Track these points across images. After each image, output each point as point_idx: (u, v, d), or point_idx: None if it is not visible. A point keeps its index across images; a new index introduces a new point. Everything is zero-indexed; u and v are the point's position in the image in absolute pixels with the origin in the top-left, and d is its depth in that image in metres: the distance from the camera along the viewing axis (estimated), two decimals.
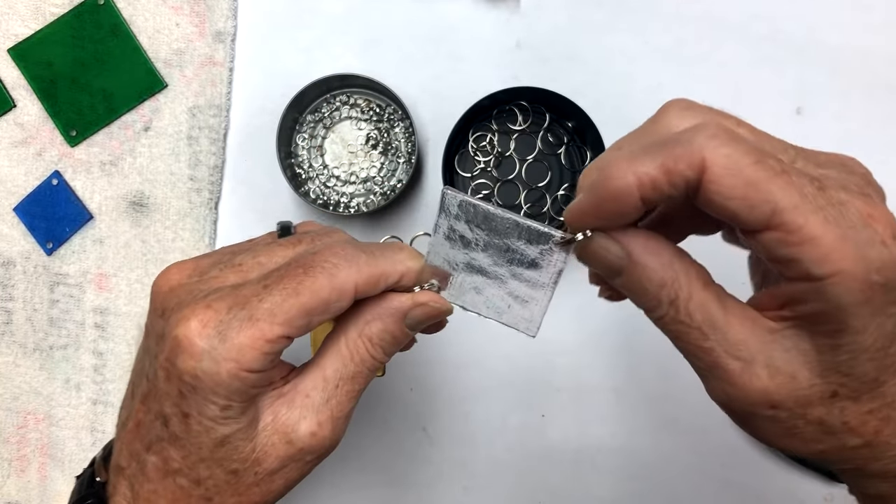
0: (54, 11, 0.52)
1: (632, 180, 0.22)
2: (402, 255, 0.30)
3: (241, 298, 0.27)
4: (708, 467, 0.49)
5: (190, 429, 0.27)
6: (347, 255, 0.28)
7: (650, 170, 0.22)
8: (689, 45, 0.51)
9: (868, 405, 0.23)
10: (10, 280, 0.52)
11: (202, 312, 0.26)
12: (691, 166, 0.22)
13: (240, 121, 0.52)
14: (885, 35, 0.50)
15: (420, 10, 0.51)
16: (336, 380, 0.29)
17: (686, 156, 0.22)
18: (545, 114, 0.49)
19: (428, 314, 0.30)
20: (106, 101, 0.52)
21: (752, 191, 0.21)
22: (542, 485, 0.50)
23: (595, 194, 0.24)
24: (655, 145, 0.23)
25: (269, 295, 0.27)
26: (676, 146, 0.22)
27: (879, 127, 0.50)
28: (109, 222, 0.52)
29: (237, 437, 0.28)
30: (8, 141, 0.52)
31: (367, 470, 0.51)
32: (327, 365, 0.29)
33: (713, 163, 0.21)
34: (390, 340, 0.30)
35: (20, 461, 0.52)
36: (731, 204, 0.22)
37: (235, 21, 0.52)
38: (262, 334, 0.26)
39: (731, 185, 0.21)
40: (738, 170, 0.21)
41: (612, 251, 0.25)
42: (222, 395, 0.27)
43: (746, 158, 0.21)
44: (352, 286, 0.27)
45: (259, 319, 0.26)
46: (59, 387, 0.52)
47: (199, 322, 0.26)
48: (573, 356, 0.50)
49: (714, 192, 0.22)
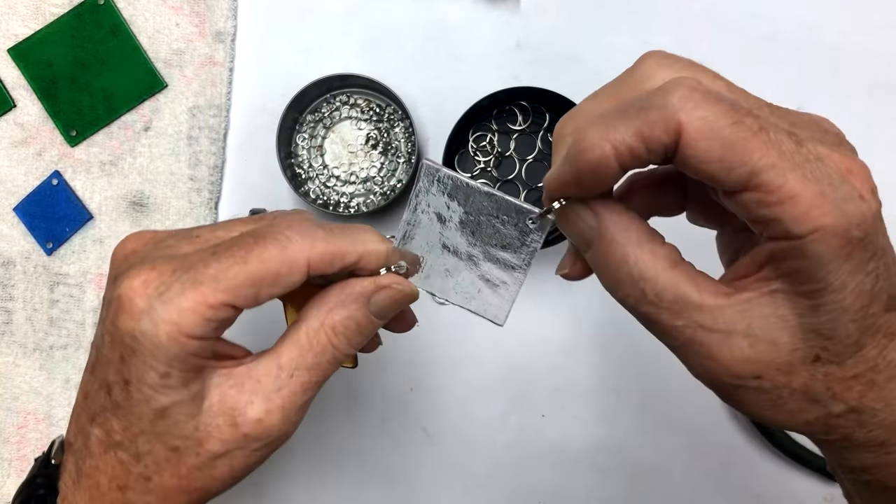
0: (54, 11, 0.52)
1: (608, 150, 0.22)
2: (366, 237, 0.28)
3: (187, 263, 0.26)
4: (708, 467, 0.49)
5: (130, 397, 0.26)
6: (303, 229, 0.27)
7: (626, 137, 0.22)
8: (689, 45, 0.51)
9: (852, 370, 0.22)
10: (10, 280, 0.52)
11: (146, 273, 0.26)
12: (667, 131, 0.21)
13: (240, 121, 0.52)
14: (885, 35, 0.50)
15: (420, 10, 0.51)
16: (291, 369, 0.28)
17: (661, 121, 0.21)
18: (545, 114, 0.49)
19: (392, 298, 0.28)
20: (106, 101, 0.52)
21: (729, 153, 0.21)
22: (542, 485, 0.50)
23: (573, 165, 0.23)
24: (631, 108, 0.22)
25: (215, 261, 0.26)
26: (651, 110, 0.21)
27: (879, 127, 0.50)
28: (109, 222, 0.52)
29: (178, 410, 0.27)
30: (8, 141, 0.52)
31: (366, 469, 0.51)
32: (284, 352, 0.28)
33: (689, 126, 0.21)
34: (355, 329, 0.28)
35: (20, 461, 0.52)
36: (709, 167, 0.21)
37: (235, 21, 0.52)
38: (204, 298, 0.25)
39: (707, 149, 0.21)
40: (715, 132, 0.21)
41: (583, 220, 0.25)
42: (161, 360, 0.26)
43: (723, 120, 0.21)
44: (304, 260, 0.26)
45: (202, 283, 0.25)
46: (59, 387, 0.52)
47: (141, 282, 0.25)
48: (573, 356, 0.50)
49: (691, 156, 0.21)
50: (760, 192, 0.21)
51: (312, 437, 0.51)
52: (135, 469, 0.28)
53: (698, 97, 0.21)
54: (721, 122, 0.21)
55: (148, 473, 0.28)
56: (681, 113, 0.21)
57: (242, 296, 0.26)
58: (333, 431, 0.51)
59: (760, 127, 0.21)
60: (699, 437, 0.49)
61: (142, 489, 0.28)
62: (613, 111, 0.23)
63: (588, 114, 0.24)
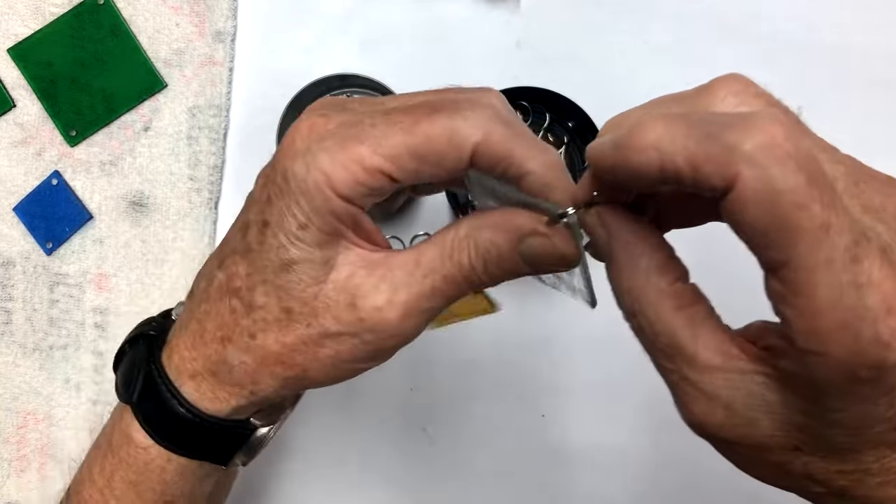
0: (54, 11, 0.52)
1: (655, 160, 0.19)
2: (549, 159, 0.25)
3: (356, 118, 0.25)
4: (708, 467, 0.49)
5: (265, 240, 0.25)
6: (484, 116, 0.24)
7: (678, 158, 0.19)
8: (689, 45, 0.51)
9: (837, 466, 0.21)
10: (9, 280, 0.52)
11: (315, 119, 0.25)
12: (722, 176, 0.18)
13: (240, 121, 0.52)
14: (885, 34, 0.50)
15: (420, 10, 0.51)
16: (428, 269, 0.25)
17: (720, 164, 0.18)
18: (545, 114, 0.49)
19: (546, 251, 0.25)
20: (106, 101, 0.52)
21: (775, 232, 0.18)
22: (542, 485, 0.50)
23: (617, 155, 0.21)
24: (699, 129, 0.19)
25: (383, 123, 0.24)
26: (715, 143, 0.18)
27: (880, 126, 0.50)
28: (109, 222, 0.52)
29: (305, 269, 0.25)
30: (8, 141, 0.52)
31: (367, 470, 0.51)
32: (425, 251, 0.26)
33: (747, 184, 0.18)
34: (496, 258, 0.25)
35: (20, 461, 0.52)
36: (747, 233, 0.19)
37: (235, 21, 0.52)
38: (360, 157, 0.24)
39: (754, 216, 0.18)
40: (771, 205, 0.18)
41: (598, 235, 0.23)
42: (303, 208, 0.24)
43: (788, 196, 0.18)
44: (470, 145, 0.24)
45: (363, 142, 0.24)
46: (58, 387, 0.52)
47: (308, 126, 0.25)
48: (573, 356, 0.50)
49: (735, 211, 0.18)
50: (786, 287, 0.18)
51: (312, 437, 0.51)
52: (243, 321, 0.27)
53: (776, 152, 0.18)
54: (785, 196, 0.18)
55: (254, 330, 0.27)
56: (743, 165, 0.18)
57: (402, 167, 0.24)
58: (333, 431, 0.51)
59: (823, 223, 0.18)
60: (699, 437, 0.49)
61: (242, 346, 0.27)
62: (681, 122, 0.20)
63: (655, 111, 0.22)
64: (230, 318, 0.27)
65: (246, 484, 0.50)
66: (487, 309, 0.30)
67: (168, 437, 0.31)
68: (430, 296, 0.26)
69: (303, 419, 0.51)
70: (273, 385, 0.28)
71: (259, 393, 0.28)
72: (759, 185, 0.18)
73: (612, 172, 0.21)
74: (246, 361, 0.27)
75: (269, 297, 0.26)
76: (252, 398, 0.29)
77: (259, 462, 0.50)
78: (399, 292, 0.25)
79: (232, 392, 0.29)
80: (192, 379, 0.29)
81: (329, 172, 0.24)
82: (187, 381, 0.30)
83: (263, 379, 0.28)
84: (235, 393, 0.29)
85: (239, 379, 0.28)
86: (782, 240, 0.18)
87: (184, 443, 0.31)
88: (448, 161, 0.24)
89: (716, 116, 0.20)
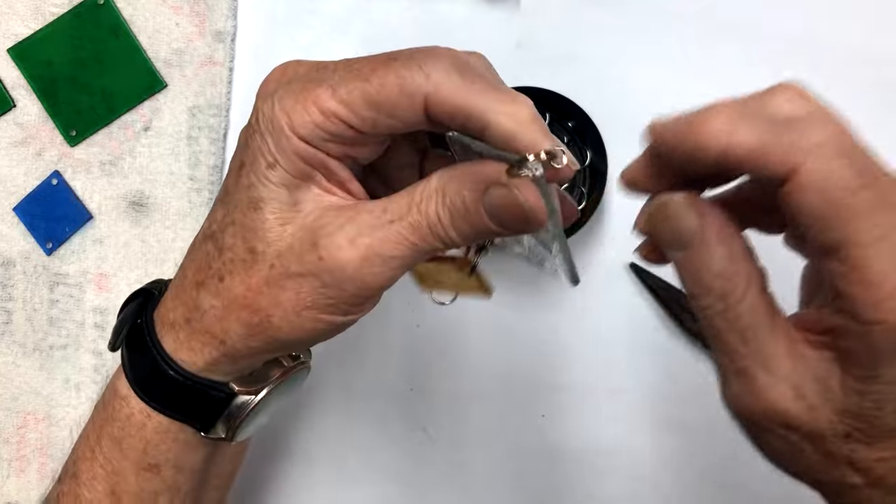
0: (54, 11, 0.52)
1: (724, 140, 0.21)
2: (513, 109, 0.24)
3: (323, 65, 0.26)
4: (708, 468, 0.49)
5: (239, 181, 0.27)
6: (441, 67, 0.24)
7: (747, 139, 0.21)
8: (689, 45, 0.51)
9: (879, 453, 0.22)
10: (9, 280, 0.52)
11: (289, 63, 0.27)
12: (784, 164, 0.21)
13: (240, 121, 0.52)
14: (885, 35, 0.50)
15: (420, 10, 0.51)
16: (395, 216, 0.25)
17: (783, 151, 0.21)
18: (545, 114, 0.49)
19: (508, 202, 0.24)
20: (106, 101, 0.52)
21: (832, 216, 0.21)
22: (542, 485, 0.50)
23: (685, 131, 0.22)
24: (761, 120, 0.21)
25: (343, 70, 0.25)
26: (782, 134, 0.21)
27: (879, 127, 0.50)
28: (109, 222, 0.52)
29: (271, 207, 0.26)
30: (7, 141, 0.52)
31: (366, 469, 0.51)
32: (395, 199, 0.26)
33: (807, 172, 0.21)
34: (462, 208, 0.25)
35: (20, 461, 0.52)
36: (806, 218, 0.21)
37: (235, 21, 0.52)
38: (318, 100, 0.24)
39: (812, 202, 0.21)
40: (829, 191, 0.21)
41: (686, 221, 0.24)
42: (271, 147, 0.25)
43: (842, 182, 0.21)
44: (421, 94, 0.24)
45: (321, 85, 0.25)
46: (58, 387, 0.52)
47: (281, 69, 0.26)
48: (573, 356, 0.50)
49: (795, 199, 0.21)
50: (845, 265, 0.21)
51: (313, 438, 0.51)
52: (214, 264, 0.27)
53: (831, 148, 0.21)
54: (840, 183, 0.21)
55: (223, 272, 0.27)
56: (806, 155, 0.21)
57: (357, 114, 0.24)
58: (333, 431, 0.51)
59: (876, 203, 0.21)
60: (700, 438, 0.49)
61: (213, 290, 0.28)
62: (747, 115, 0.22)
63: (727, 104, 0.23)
64: (205, 262, 0.28)
65: (247, 484, 0.50)
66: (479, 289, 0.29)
67: (146, 390, 0.31)
68: (395, 243, 0.25)
69: (303, 420, 0.51)
70: (239, 332, 0.28)
71: (228, 342, 0.28)
72: (819, 175, 0.20)
73: (674, 149, 0.23)
74: (215, 305, 0.28)
75: (237, 237, 0.26)
76: (223, 349, 0.29)
77: (259, 463, 0.50)
78: (362, 234, 0.25)
79: (204, 341, 0.29)
80: (172, 328, 0.30)
81: (289, 112, 0.25)
82: (168, 332, 0.30)
83: (231, 326, 0.28)
84: (207, 342, 0.29)
85: (209, 325, 0.28)
86: (839, 222, 0.21)
87: (161, 397, 0.31)
88: (401, 111, 0.24)
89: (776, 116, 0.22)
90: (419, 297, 0.51)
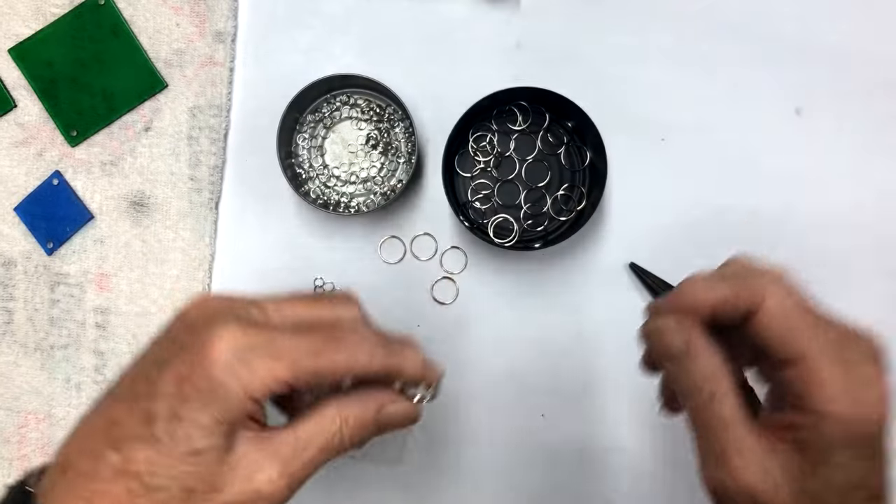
0: (55, 11, 0.52)
1: (710, 296, 0.31)
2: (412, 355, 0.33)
3: (272, 334, 0.30)
4: None
5: (174, 432, 0.28)
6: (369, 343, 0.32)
7: (724, 291, 0.30)
8: (689, 45, 0.51)
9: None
10: (10, 280, 0.52)
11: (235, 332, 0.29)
12: (753, 299, 0.30)
13: (240, 121, 0.52)
14: (884, 35, 0.50)
15: (420, 10, 0.51)
16: (305, 442, 0.31)
17: (751, 291, 0.30)
18: (545, 114, 0.50)
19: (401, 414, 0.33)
20: (106, 102, 0.52)
21: (791, 335, 0.29)
22: (543, 485, 0.50)
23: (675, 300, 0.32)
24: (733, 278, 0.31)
25: (296, 343, 0.30)
26: (747, 284, 0.30)
27: (879, 127, 0.50)
28: (110, 222, 0.52)
29: (210, 455, 0.29)
30: (9, 141, 0.52)
31: (366, 470, 0.51)
32: (302, 428, 0.31)
33: (769, 305, 0.29)
34: (361, 426, 0.32)
35: (21, 461, 0.52)
36: (771, 339, 0.29)
37: (235, 21, 0.52)
38: (275, 373, 0.29)
39: (775, 325, 0.29)
40: (785, 317, 0.29)
41: (676, 338, 0.31)
42: (221, 409, 0.29)
43: (795, 310, 0.29)
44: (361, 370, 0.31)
45: (279, 360, 0.29)
46: (59, 386, 0.52)
47: (232, 338, 0.29)
48: (573, 356, 0.50)
49: (762, 324, 0.29)
50: (802, 372, 0.28)
51: None
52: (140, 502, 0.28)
53: (783, 289, 0.30)
54: (793, 310, 0.29)
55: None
56: (767, 291, 0.30)
57: (302, 380, 0.30)
58: None
59: (817, 325, 0.29)
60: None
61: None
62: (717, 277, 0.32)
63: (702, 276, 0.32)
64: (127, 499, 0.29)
65: None
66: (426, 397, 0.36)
67: None
68: (307, 465, 0.31)
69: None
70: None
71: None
72: (776, 308, 0.29)
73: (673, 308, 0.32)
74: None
75: (172, 480, 0.29)
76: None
77: None
78: (286, 465, 0.30)
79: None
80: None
81: (249, 383, 0.29)
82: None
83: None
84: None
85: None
86: (794, 339, 0.29)
87: None
88: (341, 378, 0.31)
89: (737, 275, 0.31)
90: (419, 297, 0.51)
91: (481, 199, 0.50)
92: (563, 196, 0.50)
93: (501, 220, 0.49)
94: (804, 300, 0.30)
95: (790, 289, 0.30)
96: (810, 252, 0.50)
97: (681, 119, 0.50)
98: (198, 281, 0.51)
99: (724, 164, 0.50)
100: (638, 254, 0.50)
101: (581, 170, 0.49)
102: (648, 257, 0.50)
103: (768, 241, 0.50)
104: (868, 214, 0.50)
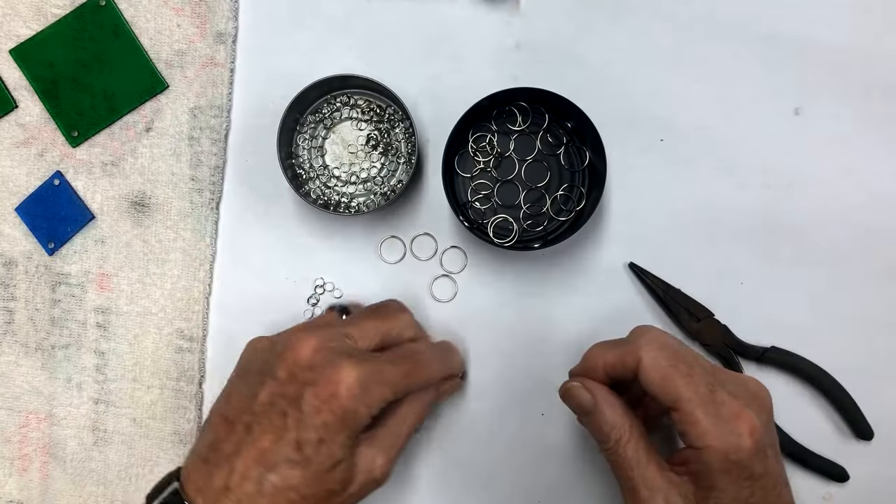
0: (56, 12, 0.52)
1: (602, 361, 0.40)
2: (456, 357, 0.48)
3: (378, 366, 0.39)
4: None
5: (320, 452, 0.36)
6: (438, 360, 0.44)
7: (611, 358, 0.40)
8: (689, 45, 0.51)
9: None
10: (11, 280, 0.52)
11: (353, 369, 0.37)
12: (633, 360, 0.38)
13: (241, 121, 0.52)
14: (884, 35, 0.51)
15: (420, 11, 0.52)
16: (397, 431, 0.41)
17: (631, 354, 0.38)
18: (544, 114, 0.50)
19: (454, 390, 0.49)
20: (107, 102, 0.52)
21: (666, 384, 0.37)
22: (542, 484, 0.50)
23: (581, 366, 0.43)
24: (618, 346, 0.40)
25: (394, 370, 0.39)
26: (627, 348, 0.39)
27: (878, 128, 0.50)
28: (111, 222, 0.52)
29: (345, 461, 0.37)
30: (10, 141, 0.52)
31: None
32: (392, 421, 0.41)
33: (645, 361, 0.37)
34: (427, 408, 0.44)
35: (22, 461, 0.52)
36: (653, 389, 0.37)
37: (236, 22, 0.52)
38: (385, 395, 0.38)
39: (652, 378, 0.37)
40: (658, 369, 0.37)
41: (584, 397, 0.40)
42: (353, 427, 0.37)
43: (665, 362, 0.37)
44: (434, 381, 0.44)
45: (385, 385, 0.38)
46: (60, 386, 0.52)
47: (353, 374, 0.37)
48: (573, 356, 0.50)
49: (644, 378, 0.37)
50: (680, 413, 0.36)
51: None
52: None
53: (655, 346, 0.38)
54: (664, 363, 0.37)
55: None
56: (642, 352, 0.38)
57: (399, 395, 0.40)
58: None
59: (688, 373, 0.37)
60: None
61: None
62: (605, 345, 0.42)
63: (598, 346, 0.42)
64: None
65: None
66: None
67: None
68: (402, 447, 0.41)
69: None
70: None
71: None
72: (651, 360, 0.37)
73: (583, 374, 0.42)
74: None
75: (319, 486, 0.37)
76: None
77: None
78: (388, 452, 0.40)
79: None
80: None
81: (370, 405, 0.38)
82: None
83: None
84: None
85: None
86: (670, 388, 0.36)
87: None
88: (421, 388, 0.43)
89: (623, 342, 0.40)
90: (419, 296, 0.51)
91: (481, 199, 0.50)
92: (563, 196, 0.50)
93: (501, 220, 0.49)
94: (676, 353, 0.37)
95: (662, 344, 0.38)
96: (809, 252, 0.50)
97: (680, 119, 0.50)
98: (199, 281, 0.51)
99: (723, 164, 0.50)
100: (638, 254, 0.50)
101: (580, 170, 0.50)
102: (648, 257, 0.50)
103: (768, 240, 0.50)
104: (867, 214, 0.50)
